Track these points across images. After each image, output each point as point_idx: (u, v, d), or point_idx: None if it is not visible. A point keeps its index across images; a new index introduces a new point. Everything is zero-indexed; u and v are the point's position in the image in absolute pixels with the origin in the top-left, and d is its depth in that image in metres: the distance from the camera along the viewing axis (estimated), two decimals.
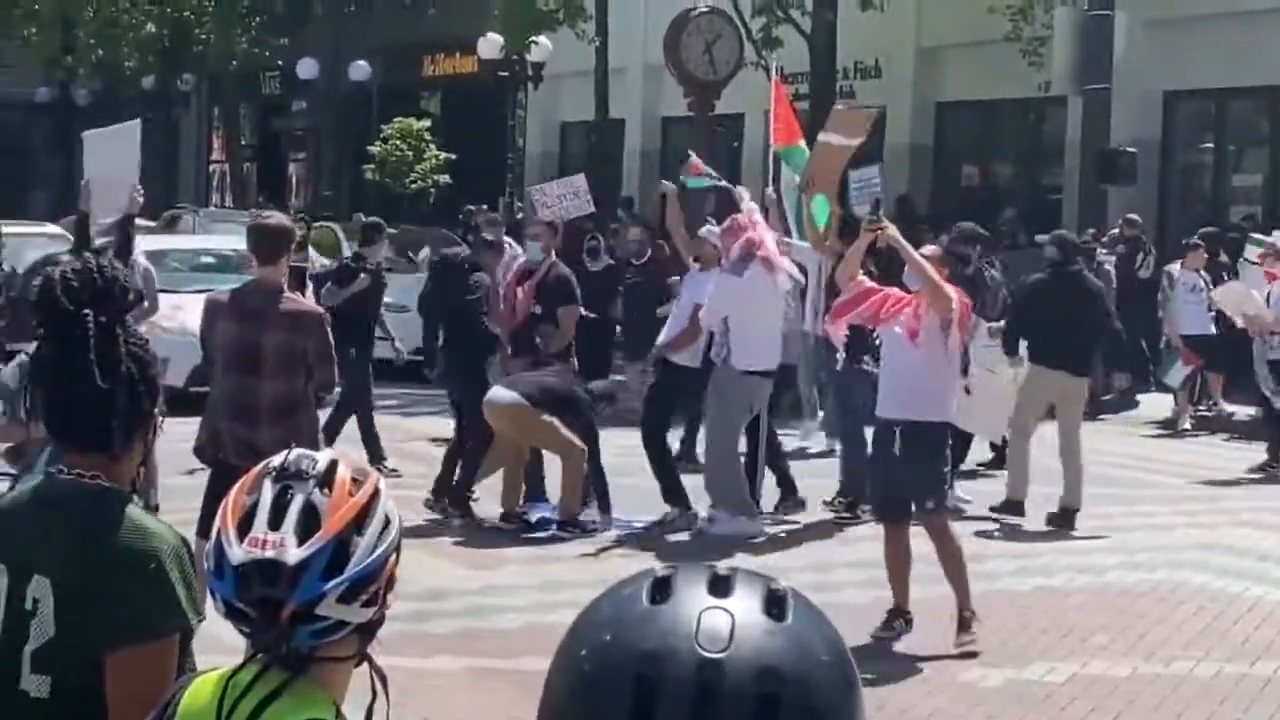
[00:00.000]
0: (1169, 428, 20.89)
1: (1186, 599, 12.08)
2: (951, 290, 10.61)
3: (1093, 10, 24.16)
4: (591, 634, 1.95)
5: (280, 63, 45.28)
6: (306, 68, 43.80)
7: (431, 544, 13.38)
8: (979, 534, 13.99)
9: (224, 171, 51.57)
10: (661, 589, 1.94)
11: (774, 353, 14.08)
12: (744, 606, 1.92)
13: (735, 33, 29.07)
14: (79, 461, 3.92)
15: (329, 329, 9.80)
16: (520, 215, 32.59)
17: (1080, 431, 14.96)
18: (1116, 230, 22.89)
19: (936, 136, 32.28)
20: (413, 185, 37.22)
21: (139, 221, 14.50)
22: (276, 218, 10.71)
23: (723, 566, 1.98)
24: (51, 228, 26.03)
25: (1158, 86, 27.19)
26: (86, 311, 3.82)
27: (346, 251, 26.55)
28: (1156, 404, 21.92)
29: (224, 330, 9.85)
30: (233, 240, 22.46)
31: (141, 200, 13.07)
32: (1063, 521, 14.34)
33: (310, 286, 17.02)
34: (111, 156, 13.89)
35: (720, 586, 1.94)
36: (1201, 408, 21.47)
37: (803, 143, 17.07)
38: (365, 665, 2.96)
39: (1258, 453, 17.85)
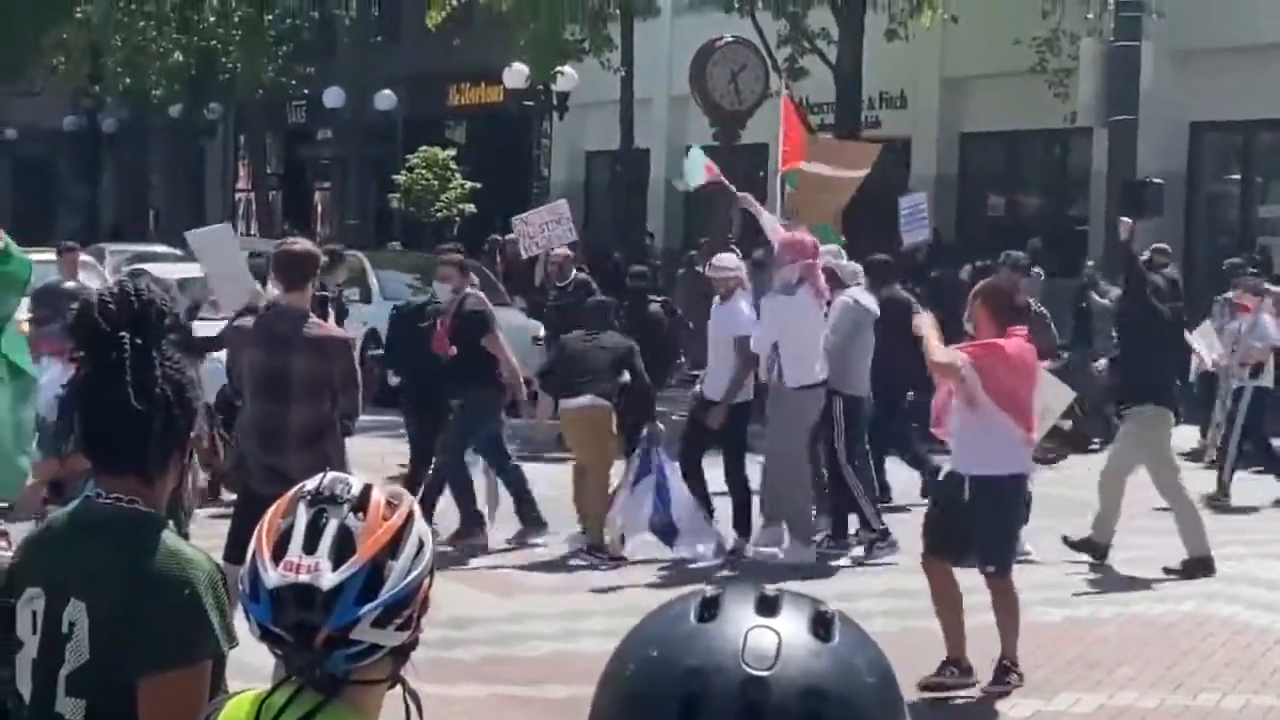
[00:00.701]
0: (1197, 458, 20.78)
1: (1214, 630, 12.04)
2: (957, 354, 10.39)
3: (1119, 41, 24.12)
4: (639, 650, 1.96)
5: (306, 92, 45.45)
6: (332, 97, 43.93)
7: (457, 571, 13.38)
8: None
9: (250, 200, 51.72)
10: (709, 607, 1.96)
11: (823, 367, 13.91)
12: (791, 626, 1.94)
13: (761, 62, 29.06)
14: (115, 485, 3.93)
15: (354, 355, 9.82)
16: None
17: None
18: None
19: (961, 167, 32.29)
20: (438, 214, 37.27)
21: None
22: (301, 243, 10.60)
23: (771, 588, 1.99)
24: (160, 247, 26.27)
25: (1184, 118, 27.19)
26: (123, 334, 3.84)
27: (373, 280, 26.66)
28: (1181, 435, 21.83)
29: (251, 357, 9.87)
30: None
31: (262, 295, 12.79)
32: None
33: (333, 313, 17.03)
34: (219, 256, 14.56)
35: (768, 606, 1.96)
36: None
37: (804, 164, 17.08)
38: (398, 687, 2.96)
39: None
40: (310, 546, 2.83)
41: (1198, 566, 13.58)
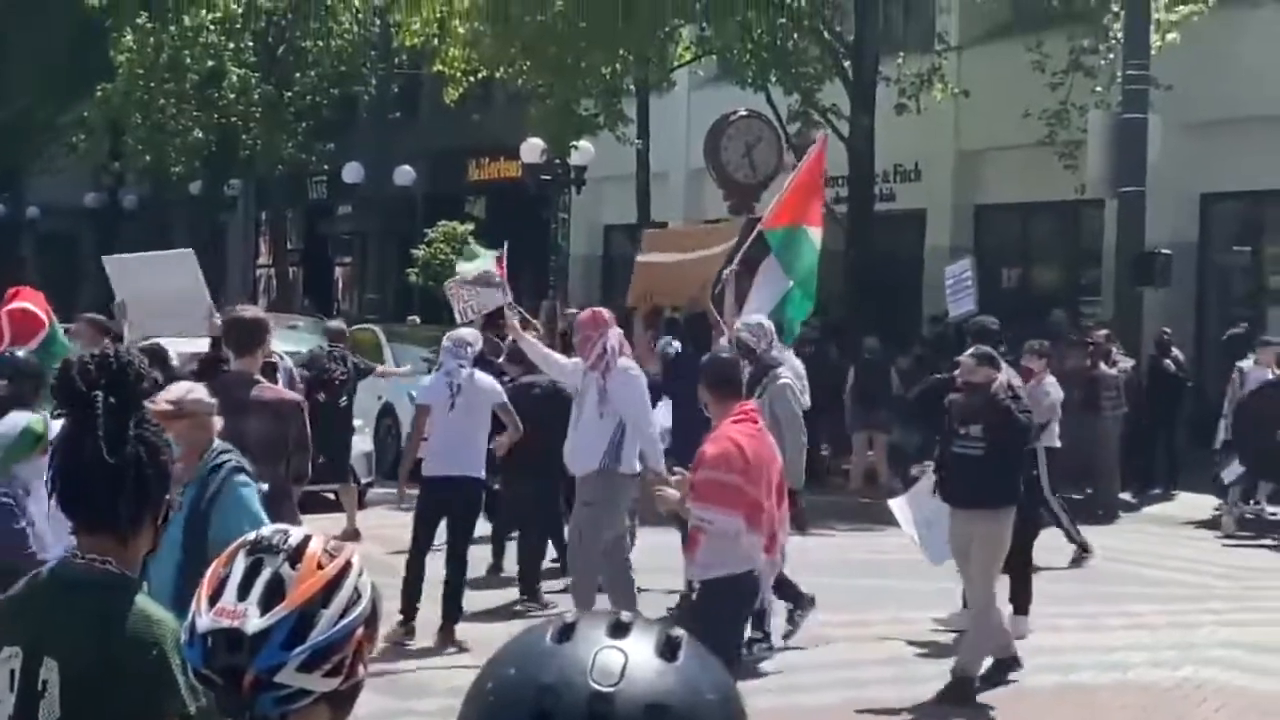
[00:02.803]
0: (1213, 527, 20.83)
1: (1210, 695, 12.11)
2: (680, 506, 9.97)
3: (1126, 114, 24.29)
4: (499, 668, 2.12)
5: (326, 167, 45.72)
6: (352, 172, 44.21)
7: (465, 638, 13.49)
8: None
9: (270, 275, 51.98)
10: (566, 630, 2.12)
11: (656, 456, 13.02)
12: (638, 647, 2.09)
13: (775, 136, 29.29)
14: (91, 544, 4.07)
15: (307, 419, 10.03)
16: (570, 317, 32.80)
17: None
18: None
19: (976, 239, 32.40)
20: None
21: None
22: (251, 310, 11.08)
23: (626, 615, 2.16)
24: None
25: (1194, 189, 27.31)
26: (97, 393, 3.99)
27: (388, 354, 26.83)
28: (1189, 504, 21.96)
29: None
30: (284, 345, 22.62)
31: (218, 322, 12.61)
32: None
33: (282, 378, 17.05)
34: (153, 279, 13.97)
35: (619, 630, 2.11)
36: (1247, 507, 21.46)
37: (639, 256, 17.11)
38: None
39: None
40: (243, 594, 2.96)
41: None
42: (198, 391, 7.88)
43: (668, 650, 2.10)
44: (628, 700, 2.03)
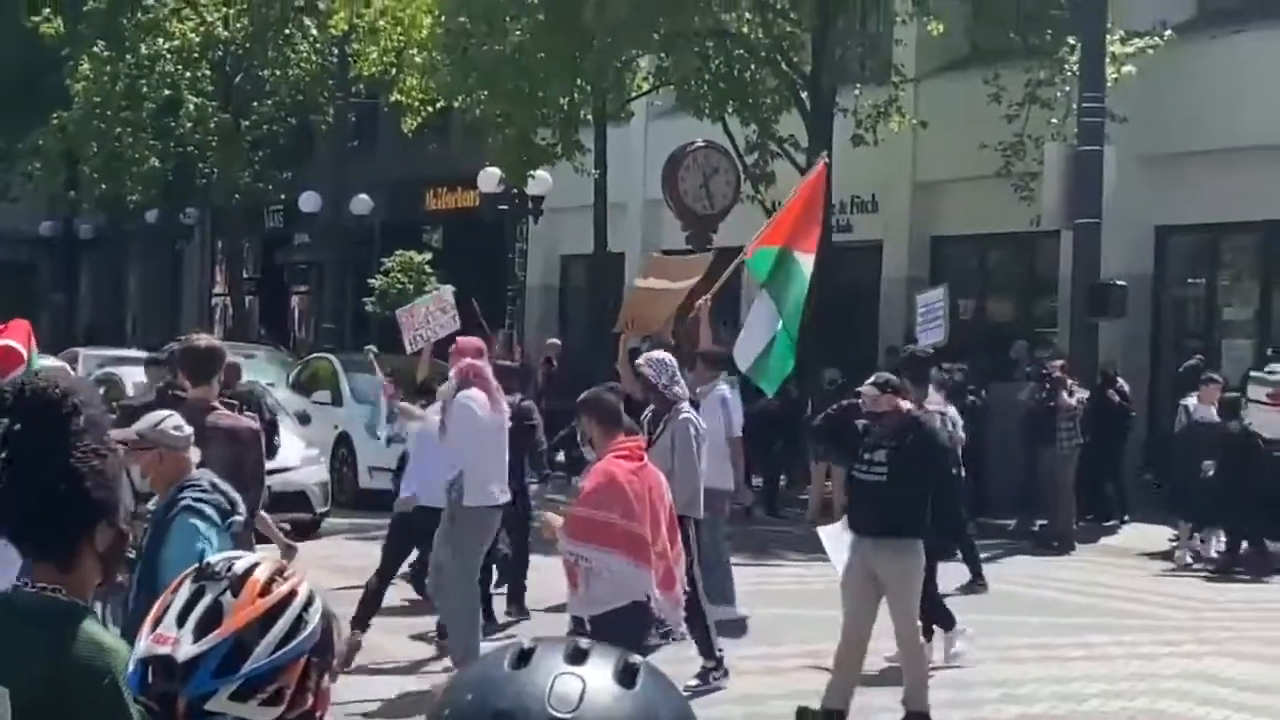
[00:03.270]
0: (1168, 558, 20.88)
1: None
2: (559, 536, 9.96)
3: (1082, 146, 24.38)
4: (456, 695, 2.12)
5: (283, 197, 45.64)
6: (309, 201, 44.13)
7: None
8: (961, 660, 14.08)
9: (226, 304, 51.84)
10: (524, 657, 2.12)
11: (502, 489, 13.20)
12: (596, 674, 2.10)
13: (732, 167, 29.37)
14: (39, 573, 4.04)
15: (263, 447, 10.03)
16: (521, 351, 32.82)
17: None
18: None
19: (933, 270, 32.48)
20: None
21: None
22: (205, 339, 11.04)
23: (585, 641, 2.15)
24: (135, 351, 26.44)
25: (1150, 221, 27.42)
26: (4, 419, 3.97)
27: (345, 384, 26.73)
28: (1142, 535, 22.02)
29: None
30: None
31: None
32: None
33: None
34: None
35: (577, 656, 2.11)
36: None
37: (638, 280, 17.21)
38: None
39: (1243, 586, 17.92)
40: (181, 620, 2.93)
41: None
42: (167, 422, 7.81)
43: (626, 677, 2.10)
44: None
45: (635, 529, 9.51)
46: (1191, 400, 21.46)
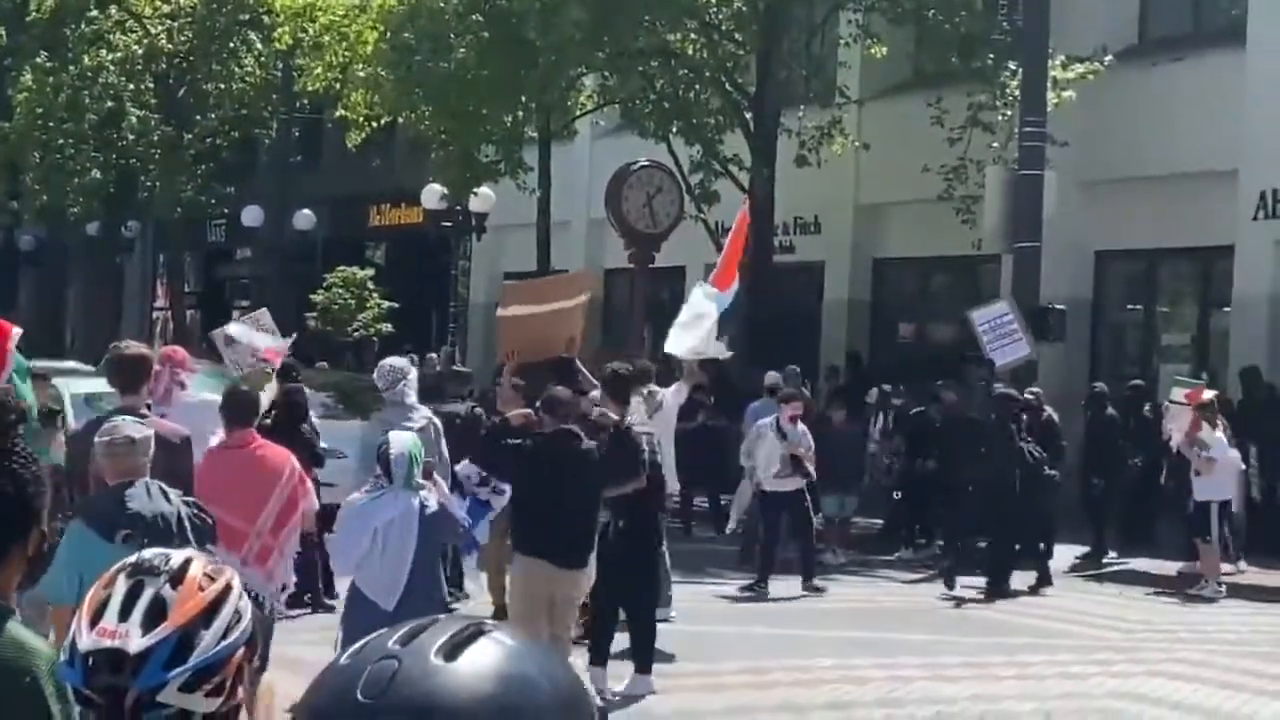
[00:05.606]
0: (1099, 579, 20.98)
1: None
2: None
3: (1023, 170, 24.48)
4: (305, 698, 2.10)
5: (226, 211, 45.55)
6: (251, 216, 44.01)
7: None
8: (896, 678, 14.16)
9: (167, 318, 51.64)
10: (360, 648, 2.08)
11: None
12: (416, 652, 2.03)
13: (676, 186, 29.40)
14: None
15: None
16: (461, 368, 32.83)
17: None
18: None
19: (874, 292, 32.65)
20: (354, 334, 37.38)
21: None
22: (135, 347, 11.04)
23: (427, 620, 2.10)
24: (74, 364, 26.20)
25: (1089, 245, 27.62)
26: None
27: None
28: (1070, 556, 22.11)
29: (95, 461, 9.99)
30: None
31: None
32: None
33: None
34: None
35: (408, 636, 2.06)
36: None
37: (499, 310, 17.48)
38: None
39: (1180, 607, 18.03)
40: (124, 614, 2.95)
41: None
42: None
43: (452, 650, 2.03)
44: (388, 711, 1.98)
45: (227, 519, 9.95)
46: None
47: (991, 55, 27.07)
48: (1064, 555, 21.76)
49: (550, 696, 2.05)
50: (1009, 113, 26.00)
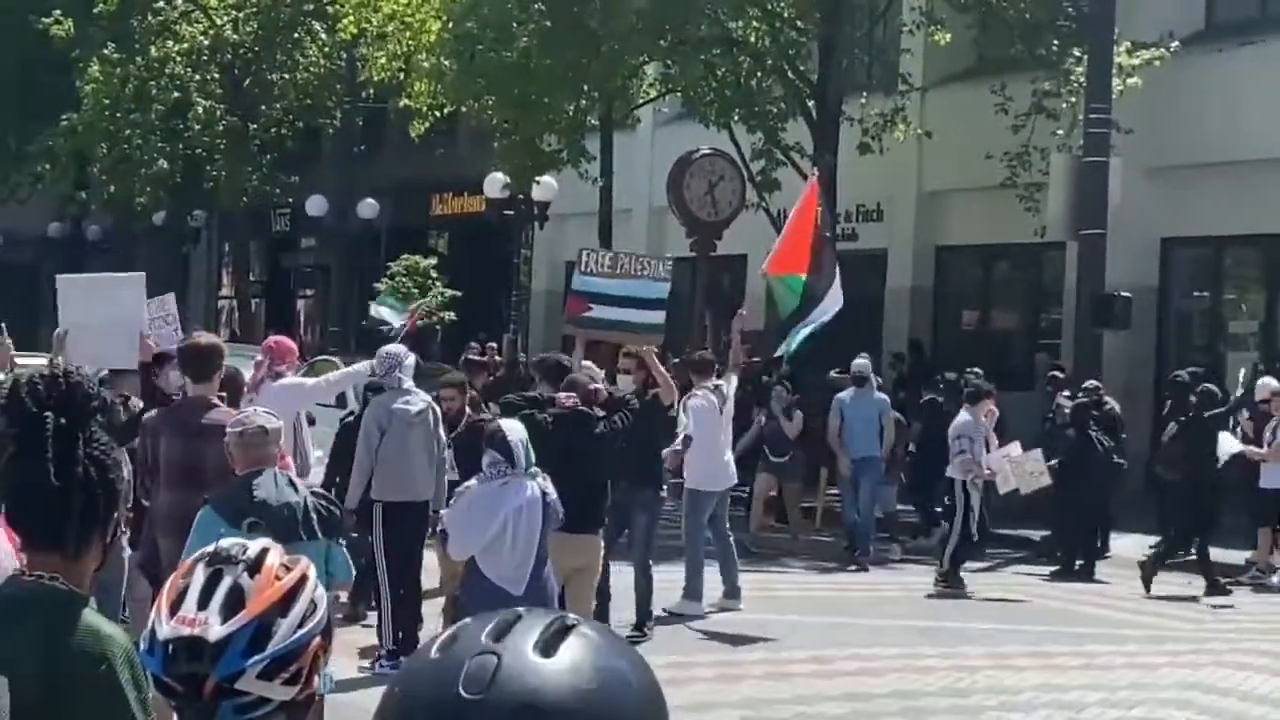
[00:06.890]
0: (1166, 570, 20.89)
1: None
2: None
3: (1088, 157, 24.37)
4: (391, 686, 2.09)
5: (290, 200, 45.70)
6: (316, 205, 44.14)
7: None
8: (961, 668, 14.14)
9: (233, 307, 51.89)
10: (450, 640, 2.07)
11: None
12: (514, 648, 2.02)
13: (738, 174, 29.37)
14: (38, 562, 4.08)
15: None
16: (523, 356, 32.92)
17: None
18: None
19: (937, 280, 32.54)
20: (419, 323, 37.43)
21: None
22: (207, 337, 11.10)
23: (514, 613, 2.09)
24: None
25: (1155, 233, 27.45)
26: (47, 414, 4.01)
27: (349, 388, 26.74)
28: (1131, 547, 22.00)
29: (168, 445, 10.07)
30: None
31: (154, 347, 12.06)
32: None
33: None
34: (100, 305, 12.78)
35: (500, 632, 2.05)
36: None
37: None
38: None
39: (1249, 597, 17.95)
40: (203, 603, 2.99)
41: None
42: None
43: (549, 646, 2.03)
44: (496, 706, 1.97)
45: None
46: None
47: (1056, 42, 26.94)
48: (1128, 546, 21.67)
49: (640, 688, 2.07)
50: (1073, 99, 25.87)
